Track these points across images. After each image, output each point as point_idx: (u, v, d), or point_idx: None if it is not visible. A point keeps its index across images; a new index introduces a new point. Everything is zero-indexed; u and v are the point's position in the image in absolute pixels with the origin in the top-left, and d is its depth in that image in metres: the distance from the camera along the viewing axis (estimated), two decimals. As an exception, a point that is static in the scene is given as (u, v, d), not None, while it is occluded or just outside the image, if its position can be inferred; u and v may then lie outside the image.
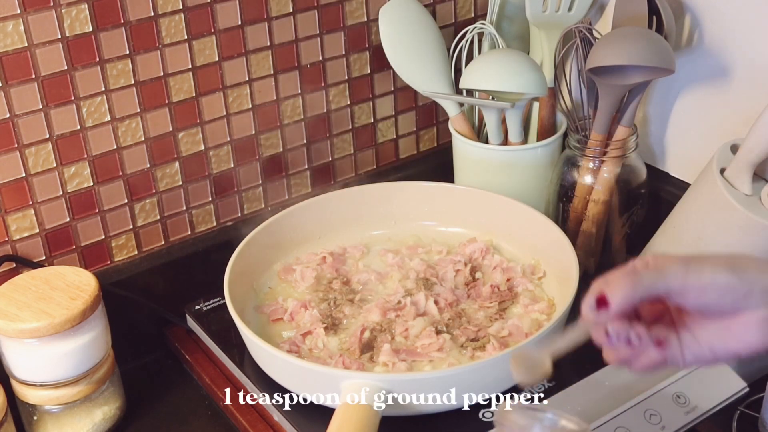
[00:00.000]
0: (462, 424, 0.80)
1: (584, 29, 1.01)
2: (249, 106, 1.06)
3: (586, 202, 1.04)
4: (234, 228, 1.08)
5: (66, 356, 0.86)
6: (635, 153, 1.04)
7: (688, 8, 1.05)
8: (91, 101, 0.95)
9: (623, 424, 0.79)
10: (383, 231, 1.07)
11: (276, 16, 1.03)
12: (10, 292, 0.87)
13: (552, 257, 0.97)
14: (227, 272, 0.91)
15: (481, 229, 1.04)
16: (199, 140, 1.03)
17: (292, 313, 0.93)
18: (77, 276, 0.89)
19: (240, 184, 1.09)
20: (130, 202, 1.01)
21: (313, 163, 1.14)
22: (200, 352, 0.98)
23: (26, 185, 0.94)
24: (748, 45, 1.00)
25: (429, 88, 1.09)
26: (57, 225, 0.97)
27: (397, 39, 1.07)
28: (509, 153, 1.07)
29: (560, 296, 0.92)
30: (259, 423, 0.88)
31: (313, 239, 1.04)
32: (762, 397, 0.87)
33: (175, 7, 0.96)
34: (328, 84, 1.11)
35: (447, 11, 1.17)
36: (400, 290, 0.95)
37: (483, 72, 1.02)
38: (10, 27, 0.87)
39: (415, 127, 1.22)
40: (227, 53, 1.01)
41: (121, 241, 1.02)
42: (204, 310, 0.98)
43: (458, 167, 1.13)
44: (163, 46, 0.97)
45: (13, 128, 0.91)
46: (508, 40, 1.12)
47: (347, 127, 1.15)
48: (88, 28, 0.91)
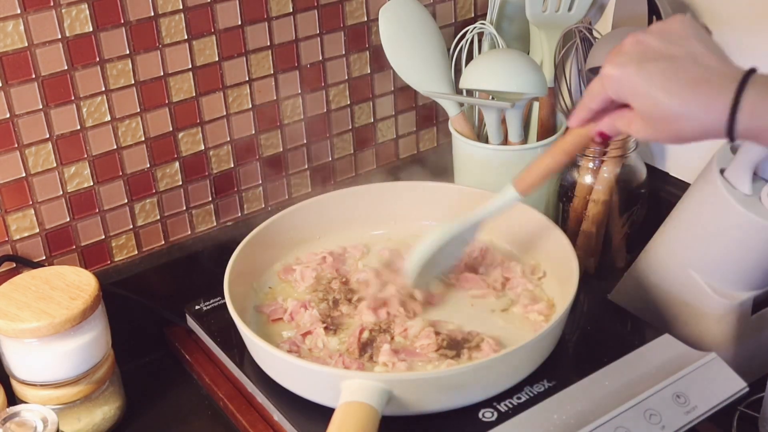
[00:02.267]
0: (462, 424, 0.80)
1: (584, 29, 1.01)
2: (249, 106, 1.06)
3: (586, 202, 1.04)
4: (234, 228, 1.08)
5: (66, 356, 0.86)
6: (635, 153, 1.04)
7: (688, 8, 1.05)
8: (91, 101, 0.95)
9: (623, 424, 0.79)
10: (383, 231, 1.06)
11: (276, 16, 1.03)
12: (10, 292, 0.87)
13: (552, 257, 0.97)
14: (227, 272, 0.91)
15: (481, 229, 1.04)
16: (199, 140, 1.03)
17: (291, 313, 0.93)
18: (77, 276, 0.89)
19: (240, 184, 1.09)
20: (130, 202, 1.01)
21: (313, 163, 1.14)
22: (200, 352, 0.98)
23: (26, 185, 0.94)
24: (748, 45, 1.00)
25: (429, 88, 1.09)
26: (57, 225, 0.97)
27: (397, 39, 1.07)
28: (509, 153, 1.07)
29: (560, 296, 0.92)
30: (259, 423, 0.88)
31: (313, 239, 1.04)
32: (762, 397, 0.87)
33: (175, 7, 0.96)
34: (328, 84, 1.11)
35: (447, 11, 1.17)
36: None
37: (483, 72, 1.02)
38: (10, 27, 0.87)
39: (415, 127, 1.22)
40: (227, 53, 1.01)
41: (121, 241, 1.02)
42: (204, 310, 0.98)
43: (458, 167, 1.13)
44: (163, 46, 0.97)
45: (13, 128, 0.91)
46: (508, 40, 1.12)
47: (347, 127, 1.15)
48: (88, 28, 0.91)
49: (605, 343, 0.90)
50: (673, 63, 0.64)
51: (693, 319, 0.94)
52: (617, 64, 0.66)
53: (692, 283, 0.93)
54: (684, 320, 0.95)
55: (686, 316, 0.94)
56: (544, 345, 0.85)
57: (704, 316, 0.92)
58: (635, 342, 0.89)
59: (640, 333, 0.92)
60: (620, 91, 0.67)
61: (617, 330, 0.94)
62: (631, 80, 0.65)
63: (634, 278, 0.99)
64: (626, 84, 0.66)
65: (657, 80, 0.64)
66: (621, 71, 0.66)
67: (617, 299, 1.00)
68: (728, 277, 0.91)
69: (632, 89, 0.65)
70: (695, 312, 0.93)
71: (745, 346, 0.94)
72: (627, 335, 0.92)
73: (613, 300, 1.00)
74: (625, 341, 0.89)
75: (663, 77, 0.64)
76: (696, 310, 0.93)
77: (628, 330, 0.94)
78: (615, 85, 0.67)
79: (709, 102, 0.62)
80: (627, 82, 0.65)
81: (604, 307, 0.98)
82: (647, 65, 0.65)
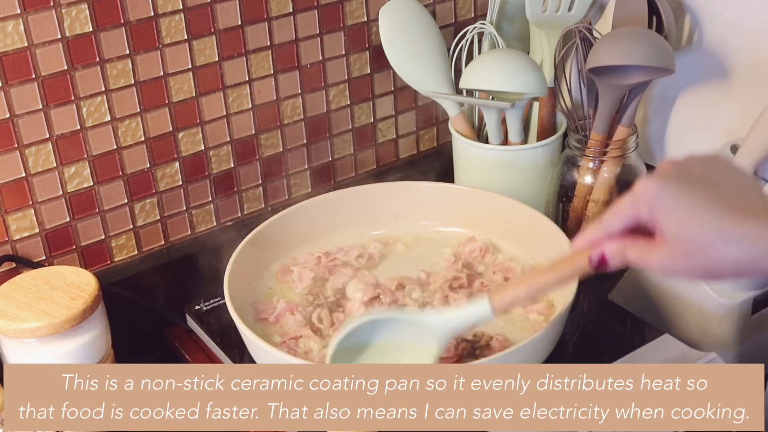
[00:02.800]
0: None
1: (584, 29, 1.01)
2: (249, 106, 1.06)
3: (586, 202, 1.04)
4: (234, 228, 1.08)
5: (66, 356, 0.86)
6: (635, 153, 1.04)
7: (688, 8, 1.05)
8: (91, 101, 0.95)
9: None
10: (383, 231, 1.06)
11: (276, 16, 1.03)
12: (10, 292, 0.87)
13: (552, 257, 0.96)
14: (227, 272, 0.91)
15: (481, 229, 1.04)
16: (199, 140, 1.03)
17: (277, 316, 0.93)
18: (77, 276, 0.89)
19: (240, 184, 1.09)
20: (130, 202, 1.01)
21: (313, 163, 1.14)
22: (200, 352, 0.98)
23: (26, 185, 0.94)
24: (748, 45, 1.00)
25: (429, 88, 1.09)
26: (57, 225, 0.97)
27: (397, 39, 1.07)
28: (509, 153, 1.07)
29: (559, 297, 0.92)
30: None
31: (312, 239, 1.04)
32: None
33: (175, 7, 0.96)
34: (328, 84, 1.11)
35: (447, 11, 1.17)
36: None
37: (483, 72, 1.02)
38: (10, 27, 0.87)
39: (415, 127, 1.22)
40: (227, 53, 1.01)
41: (121, 241, 1.02)
42: (204, 310, 0.98)
43: (458, 167, 1.13)
44: (163, 46, 0.97)
45: (13, 128, 0.91)
46: (508, 40, 1.12)
47: (347, 127, 1.15)
48: (88, 28, 0.91)
49: (605, 343, 0.90)
50: (718, 189, 0.58)
51: (693, 319, 0.94)
52: (656, 179, 0.59)
53: (692, 283, 0.93)
54: (684, 320, 0.95)
55: (686, 316, 0.94)
56: (544, 345, 0.85)
57: (704, 316, 0.92)
58: (635, 342, 0.89)
59: (640, 333, 0.92)
60: (655, 208, 0.59)
61: (617, 330, 0.94)
62: (673, 195, 0.58)
63: (634, 278, 0.99)
64: (665, 200, 0.58)
65: (702, 200, 0.57)
66: (661, 186, 0.59)
67: (617, 299, 1.00)
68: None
69: (672, 206, 0.58)
70: (695, 312, 0.93)
71: (745, 346, 0.94)
72: (627, 335, 0.92)
73: (613, 300, 1.00)
74: (625, 341, 0.89)
75: (708, 199, 0.57)
76: (696, 310, 0.93)
77: (628, 330, 0.94)
78: (651, 201, 0.59)
79: (756, 235, 0.56)
80: (667, 198, 0.58)
81: (604, 307, 0.98)
82: (691, 186, 0.58)
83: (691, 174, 0.60)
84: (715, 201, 0.57)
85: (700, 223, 0.57)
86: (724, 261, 0.57)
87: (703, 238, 0.57)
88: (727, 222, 0.56)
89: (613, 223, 0.62)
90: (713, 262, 0.57)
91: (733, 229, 0.56)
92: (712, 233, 0.57)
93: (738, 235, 0.56)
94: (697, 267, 0.58)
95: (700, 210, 0.57)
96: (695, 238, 0.57)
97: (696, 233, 0.57)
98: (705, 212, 0.57)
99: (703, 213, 0.57)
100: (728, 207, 0.57)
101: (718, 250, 0.57)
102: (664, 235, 0.59)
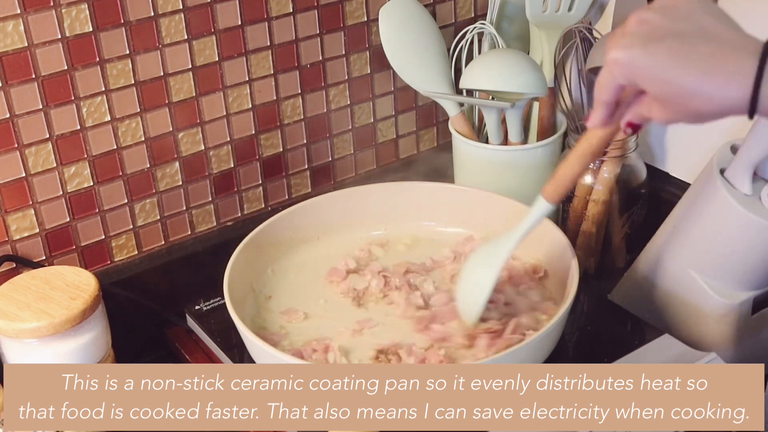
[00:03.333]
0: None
1: (584, 29, 1.01)
2: (249, 106, 1.06)
3: (586, 202, 1.04)
4: (234, 228, 1.08)
5: (66, 356, 0.86)
6: (635, 153, 1.04)
7: (688, 8, 1.05)
8: (91, 101, 0.95)
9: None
10: (383, 231, 1.06)
11: (276, 16, 1.03)
12: (10, 292, 0.87)
13: (552, 257, 0.97)
14: (227, 272, 0.91)
15: (481, 229, 1.04)
16: (199, 140, 1.03)
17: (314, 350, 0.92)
18: (77, 276, 0.89)
19: (240, 184, 1.09)
20: (130, 202, 1.01)
21: (313, 163, 1.14)
22: (200, 352, 0.98)
23: (26, 185, 0.94)
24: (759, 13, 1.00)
25: (429, 88, 1.09)
26: (57, 225, 0.97)
27: (397, 39, 1.07)
28: (509, 153, 1.07)
29: (560, 296, 0.92)
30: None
31: (312, 239, 1.04)
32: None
33: (175, 7, 0.96)
34: (328, 84, 1.11)
35: (447, 11, 1.17)
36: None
37: (483, 72, 1.02)
38: (10, 27, 0.87)
39: (415, 127, 1.22)
40: (227, 53, 1.01)
41: (121, 241, 1.02)
42: (204, 310, 0.98)
43: (458, 167, 1.13)
44: (163, 46, 0.97)
45: (13, 128, 0.91)
46: (508, 40, 1.12)
47: (347, 127, 1.15)
48: (88, 28, 0.91)
49: (605, 343, 0.90)
50: (682, 40, 0.60)
51: (693, 319, 0.94)
52: (622, 47, 0.62)
53: (692, 283, 0.93)
54: (684, 320, 0.95)
55: (686, 316, 0.94)
56: (544, 345, 0.85)
57: (704, 316, 0.92)
58: (635, 342, 0.89)
59: (640, 333, 0.92)
60: (629, 75, 0.62)
61: (617, 330, 0.94)
62: (639, 63, 0.61)
63: (634, 278, 0.99)
64: (635, 67, 0.61)
65: (666, 61, 0.60)
66: (627, 54, 0.61)
67: (617, 299, 1.00)
68: (728, 277, 0.91)
69: (641, 72, 0.61)
70: (695, 312, 0.93)
71: (745, 346, 0.94)
72: (627, 335, 0.92)
73: (613, 300, 1.00)
74: (625, 341, 0.89)
75: (672, 57, 0.60)
76: (696, 310, 0.93)
77: (628, 330, 0.94)
78: (623, 69, 0.62)
79: (726, 78, 0.58)
80: (635, 65, 0.61)
81: (604, 307, 0.98)
82: (654, 45, 0.60)
83: (654, 31, 0.61)
84: (681, 56, 0.60)
85: (668, 83, 0.60)
86: (705, 108, 0.60)
87: (675, 94, 0.60)
88: (695, 75, 0.59)
89: (605, 96, 0.67)
90: (697, 110, 0.61)
91: (702, 79, 0.59)
92: (682, 89, 0.60)
93: (708, 85, 0.59)
94: (686, 114, 0.62)
95: (666, 71, 0.60)
96: (669, 96, 0.61)
97: (668, 92, 0.61)
98: (670, 73, 0.60)
99: (669, 74, 0.60)
100: (696, 58, 0.59)
101: (694, 101, 0.60)
102: (648, 93, 0.64)
